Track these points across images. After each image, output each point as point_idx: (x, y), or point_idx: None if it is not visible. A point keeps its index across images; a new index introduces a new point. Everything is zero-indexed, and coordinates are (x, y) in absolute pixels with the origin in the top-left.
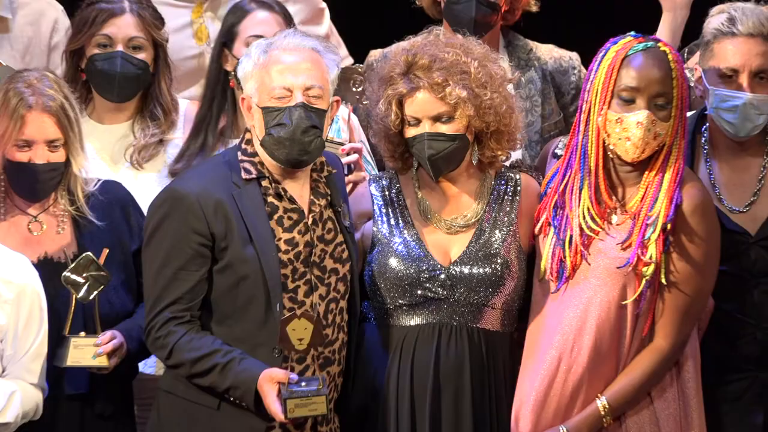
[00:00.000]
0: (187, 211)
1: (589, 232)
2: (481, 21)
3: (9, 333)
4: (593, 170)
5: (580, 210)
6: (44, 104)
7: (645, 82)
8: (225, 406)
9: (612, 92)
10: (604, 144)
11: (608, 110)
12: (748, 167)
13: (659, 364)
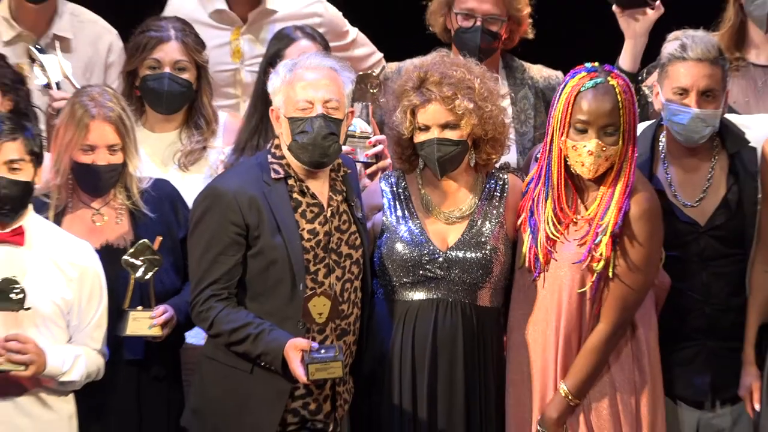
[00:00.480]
0: (225, 205)
1: (552, 236)
2: (484, 48)
3: (74, 307)
4: (555, 186)
5: (544, 217)
6: (105, 115)
7: (594, 116)
8: (257, 370)
9: (569, 123)
10: (566, 162)
11: (567, 138)
12: (698, 169)
13: (602, 344)
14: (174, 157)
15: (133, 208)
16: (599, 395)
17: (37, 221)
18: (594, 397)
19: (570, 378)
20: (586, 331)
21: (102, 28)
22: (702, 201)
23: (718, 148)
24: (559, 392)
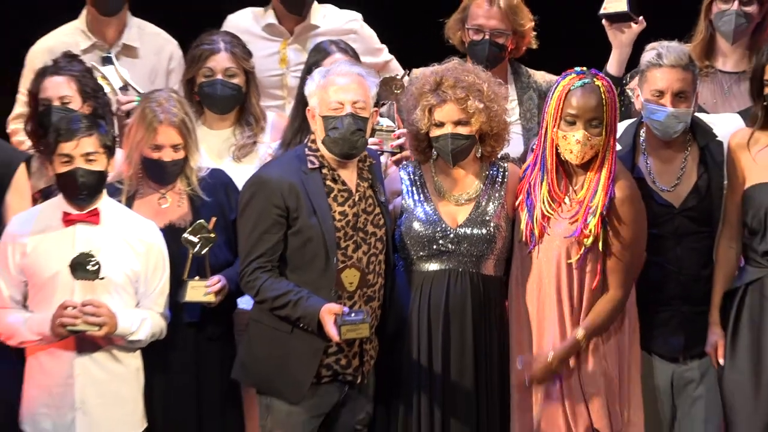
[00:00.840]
0: (269, 191)
1: (546, 213)
2: (491, 58)
3: (141, 276)
4: (549, 171)
5: (540, 198)
6: (170, 119)
7: (582, 110)
8: (296, 331)
9: (560, 116)
10: (557, 151)
11: (558, 129)
12: (673, 159)
13: (615, 306)
14: (229, 151)
15: (192, 194)
16: (591, 352)
17: (111, 204)
18: (584, 355)
19: (586, 329)
20: (577, 300)
21: (164, 40)
22: (677, 186)
23: (690, 141)
24: (574, 337)
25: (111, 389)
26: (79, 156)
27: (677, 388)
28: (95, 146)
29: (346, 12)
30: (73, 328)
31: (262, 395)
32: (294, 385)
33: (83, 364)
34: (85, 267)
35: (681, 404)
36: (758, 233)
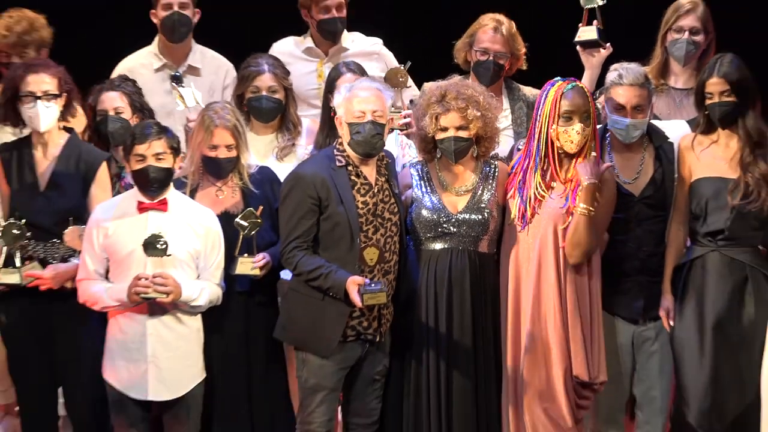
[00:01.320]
0: (304, 184)
1: (539, 195)
2: (493, 75)
3: (201, 254)
4: (542, 160)
5: (534, 182)
6: (224, 124)
7: (577, 107)
8: (326, 299)
9: (558, 114)
10: (553, 145)
11: (556, 126)
12: (634, 157)
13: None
14: (272, 152)
15: (243, 187)
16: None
17: (177, 195)
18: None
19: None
20: (564, 269)
21: (221, 62)
22: (636, 179)
23: (647, 142)
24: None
25: (176, 346)
26: (150, 155)
27: (637, 345)
28: (164, 147)
29: (370, 38)
30: (145, 296)
31: (298, 351)
32: (325, 342)
33: (154, 325)
34: (155, 246)
35: (640, 358)
36: (700, 218)
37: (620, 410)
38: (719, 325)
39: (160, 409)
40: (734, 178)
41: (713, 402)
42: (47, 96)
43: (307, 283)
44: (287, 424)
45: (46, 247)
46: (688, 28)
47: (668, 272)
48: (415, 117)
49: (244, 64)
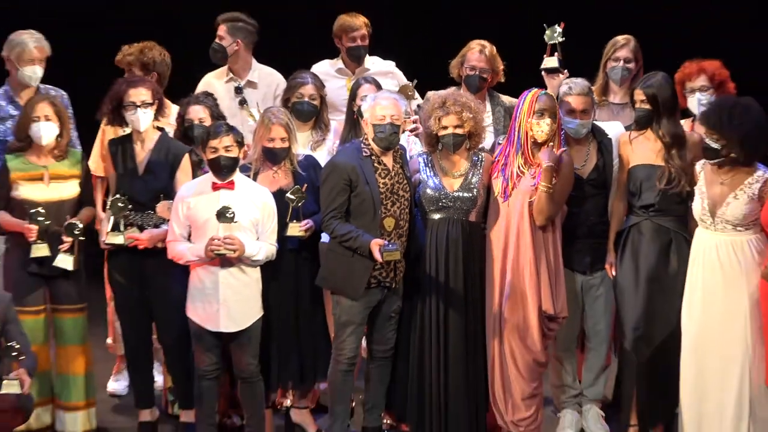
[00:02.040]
0: (339, 170)
1: (520, 172)
2: (479, 86)
3: (259, 221)
4: (522, 147)
5: (516, 162)
6: (279, 121)
7: (548, 107)
8: (355, 255)
9: (533, 111)
10: (527, 135)
11: (532, 120)
12: (582, 149)
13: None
14: (308, 144)
15: (293, 170)
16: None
17: (242, 178)
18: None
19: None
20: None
21: (275, 76)
22: (584, 166)
23: (592, 138)
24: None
25: (241, 291)
26: (221, 148)
27: (585, 290)
28: (231, 141)
29: (386, 61)
30: (218, 253)
31: (333, 294)
32: (354, 288)
33: (224, 275)
34: (225, 215)
35: (588, 301)
36: (636, 195)
37: (573, 341)
38: (650, 275)
39: (229, 339)
40: (661, 166)
41: (644, 332)
42: (144, 104)
43: (341, 244)
44: (325, 350)
45: (143, 216)
46: (623, 58)
47: (612, 236)
48: (422, 119)
49: (291, 77)
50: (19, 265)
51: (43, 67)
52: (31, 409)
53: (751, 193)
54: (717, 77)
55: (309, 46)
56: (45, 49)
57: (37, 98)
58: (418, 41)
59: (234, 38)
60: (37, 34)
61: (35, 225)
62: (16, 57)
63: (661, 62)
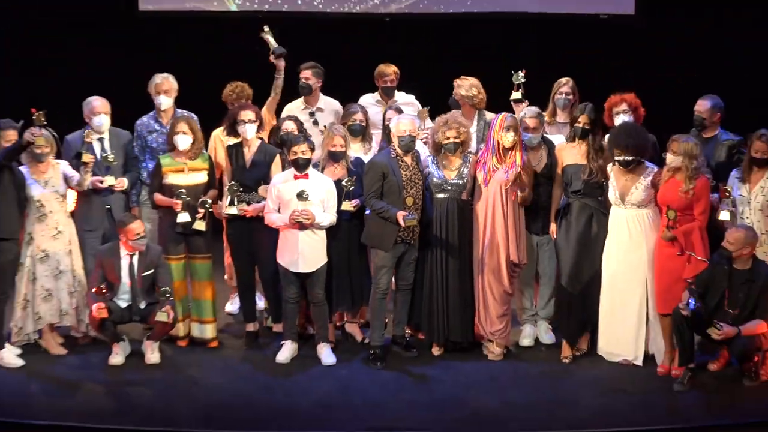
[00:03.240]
0: (376, 166)
1: (494, 168)
2: (458, 106)
3: (325, 200)
4: (495, 150)
5: (491, 162)
6: (339, 134)
7: (512, 124)
8: (387, 222)
9: (503, 127)
10: (498, 143)
11: (502, 133)
12: (536, 154)
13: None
14: (360, 151)
15: (347, 167)
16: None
17: (313, 171)
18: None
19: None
20: (506, 208)
21: (336, 105)
22: (538, 164)
23: (543, 145)
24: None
25: (312, 245)
26: (299, 151)
27: (539, 246)
28: (306, 147)
29: (408, 95)
30: (297, 220)
31: (372, 248)
32: (386, 243)
33: (302, 235)
34: (302, 196)
35: (540, 252)
36: (568, 184)
37: (531, 278)
38: (578, 237)
39: (305, 277)
40: (584, 165)
41: (575, 273)
42: (250, 121)
43: (377, 215)
44: (368, 285)
45: (249, 196)
46: (564, 92)
47: (553, 210)
48: (431, 133)
49: (346, 107)
50: (168, 228)
51: (170, 96)
52: (174, 324)
53: (646, 183)
54: (633, 104)
55: (359, 82)
56: (170, 83)
57: (177, 119)
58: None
59: (316, 79)
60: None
61: (179, 201)
62: (152, 89)
63: (588, 94)
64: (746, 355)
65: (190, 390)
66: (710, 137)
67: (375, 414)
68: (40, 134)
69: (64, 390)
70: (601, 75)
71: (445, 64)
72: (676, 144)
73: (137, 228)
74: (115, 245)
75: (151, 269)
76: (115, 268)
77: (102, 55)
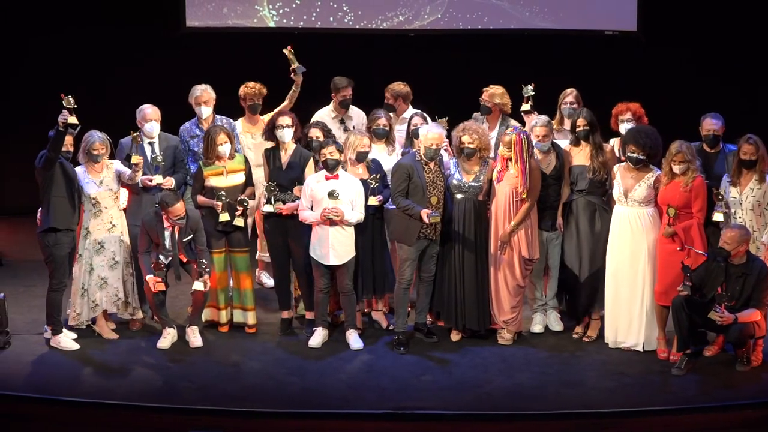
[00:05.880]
0: (403, 168)
1: (502, 169)
2: (488, 112)
3: (353, 198)
4: (502, 161)
5: (499, 167)
6: (363, 135)
7: (504, 141)
8: (411, 219)
9: (501, 140)
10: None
11: (501, 148)
12: (546, 158)
13: (529, 208)
14: (384, 152)
15: (369, 166)
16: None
17: (343, 173)
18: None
19: (514, 221)
20: (516, 205)
21: (362, 113)
22: (548, 167)
23: (551, 150)
24: (506, 228)
25: (342, 239)
26: (328, 154)
27: (548, 241)
28: (335, 149)
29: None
30: (328, 217)
31: (398, 243)
32: (410, 238)
33: (332, 231)
34: (333, 194)
35: (549, 247)
36: (575, 183)
37: (541, 271)
38: (584, 232)
39: (335, 268)
40: (588, 165)
41: (581, 266)
42: (287, 126)
43: (403, 212)
44: (390, 276)
45: (285, 195)
46: (569, 102)
47: (560, 208)
48: (452, 139)
49: (372, 113)
50: (210, 225)
51: (209, 106)
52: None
53: (649, 183)
54: (637, 113)
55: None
56: (208, 94)
57: (216, 129)
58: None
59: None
60: (205, 84)
61: (220, 202)
62: (192, 101)
63: (592, 105)
64: (741, 341)
65: (230, 372)
66: (717, 151)
67: (399, 394)
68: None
69: (114, 371)
70: (605, 87)
71: (463, 76)
72: (682, 155)
73: (179, 210)
74: (159, 213)
75: (190, 235)
76: (159, 235)
77: (154, 67)
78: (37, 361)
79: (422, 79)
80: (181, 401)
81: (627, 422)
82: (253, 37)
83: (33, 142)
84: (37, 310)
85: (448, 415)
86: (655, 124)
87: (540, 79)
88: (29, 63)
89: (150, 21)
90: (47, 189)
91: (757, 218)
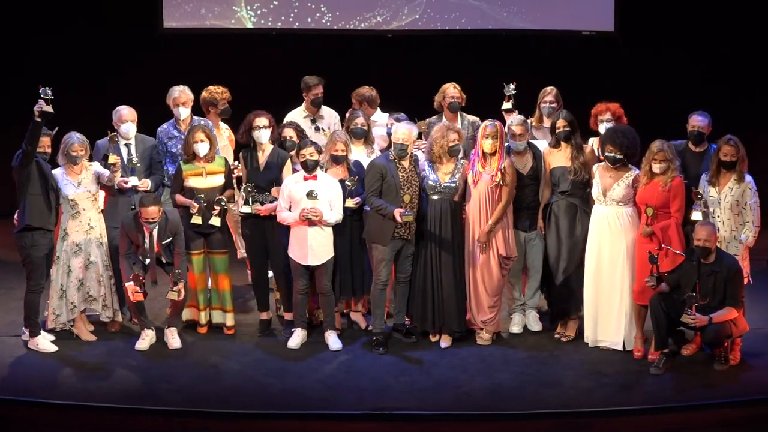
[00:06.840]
0: (376, 167)
1: (479, 171)
2: (457, 108)
3: (331, 199)
4: (480, 155)
5: (476, 165)
6: (341, 139)
7: (491, 132)
8: (385, 219)
9: (484, 135)
10: (482, 149)
11: (482, 140)
12: (522, 158)
13: (504, 206)
14: (363, 153)
15: (349, 168)
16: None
17: (320, 172)
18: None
19: (491, 220)
20: (491, 206)
21: (333, 112)
22: (524, 167)
23: (528, 150)
24: (484, 228)
25: (320, 240)
26: (308, 154)
27: (526, 241)
28: (314, 150)
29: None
30: (306, 217)
31: (372, 243)
32: (385, 238)
33: (311, 231)
34: (312, 195)
35: (528, 248)
36: (556, 184)
37: (519, 271)
38: (565, 233)
39: (313, 269)
40: (568, 166)
41: (560, 266)
42: (264, 127)
43: (377, 212)
44: (368, 276)
45: (263, 196)
46: (548, 101)
47: (541, 209)
48: (430, 141)
49: (349, 112)
50: (188, 226)
51: (187, 107)
52: (185, 302)
53: (627, 183)
54: (616, 113)
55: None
56: (186, 95)
57: (194, 128)
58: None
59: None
60: (183, 86)
61: (197, 204)
62: (170, 102)
63: (571, 104)
64: (717, 341)
65: (209, 373)
66: (702, 151)
67: (379, 395)
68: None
69: (93, 373)
70: (583, 87)
71: (441, 77)
72: (663, 154)
73: (152, 212)
74: (137, 215)
75: (170, 237)
76: (138, 236)
77: (131, 68)
78: (15, 363)
79: (400, 79)
80: (160, 403)
81: (605, 422)
82: (230, 38)
83: (15, 144)
84: (15, 312)
85: (427, 416)
86: (633, 123)
87: (519, 79)
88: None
89: (128, 22)
90: (24, 187)
91: (735, 217)
